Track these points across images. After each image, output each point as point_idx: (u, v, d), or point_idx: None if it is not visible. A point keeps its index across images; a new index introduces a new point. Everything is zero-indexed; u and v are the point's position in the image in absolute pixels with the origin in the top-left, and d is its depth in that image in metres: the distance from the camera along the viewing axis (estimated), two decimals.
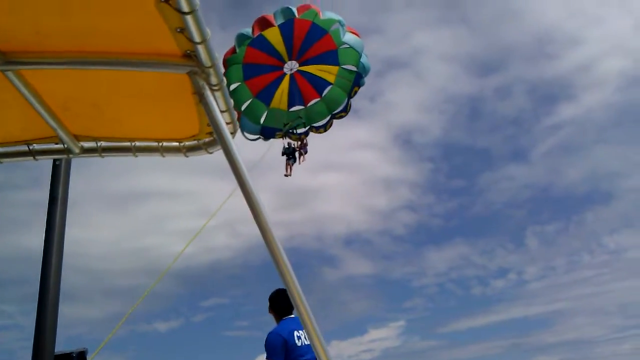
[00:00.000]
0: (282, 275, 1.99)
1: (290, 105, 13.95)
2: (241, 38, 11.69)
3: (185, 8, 1.64)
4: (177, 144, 2.58)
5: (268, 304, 4.87)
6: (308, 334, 1.95)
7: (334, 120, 14.05)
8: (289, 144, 15.20)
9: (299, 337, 4.51)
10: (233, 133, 2.24)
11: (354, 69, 13.04)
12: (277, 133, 13.96)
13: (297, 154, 14.76)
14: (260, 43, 11.87)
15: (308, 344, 4.44)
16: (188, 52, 1.89)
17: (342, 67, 13.07)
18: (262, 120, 13.64)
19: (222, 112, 2.12)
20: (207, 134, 2.47)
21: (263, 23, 11.62)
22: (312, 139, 15.21)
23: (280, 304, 4.73)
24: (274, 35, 11.87)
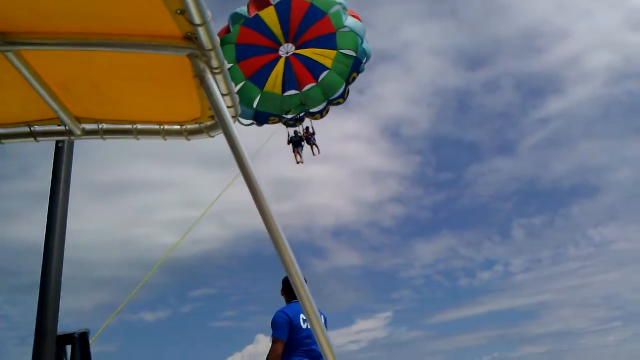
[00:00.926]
0: (284, 262, 2.01)
1: (284, 89, 13.39)
2: (235, 17, 11.13)
3: None
4: (178, 127, 2.60)
5: (281, 285, 5.25)
6: (309, 319, 2.00)
7: (331, 106, 13.37)
8: (295, 132, 14.74)
9: (304, 320, 4.72)
10: (234, 117, 2.27)
11: (352, 54, 12.55)
12: (271, 118, 13.39)
13: (303, 143, 14.21)
14: (255, 23, 11.36)
15: None
16: (188, 34, 1.91)
17: (340, 52, 12.60)
18: (255, 104, 13.03)
19: (223, 95, 2.12)
20: (208, 117, 2.49)
21: (259, 2, 11.00)
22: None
23: (291, 287, 4.60)
24: (269, 16, 11.32)
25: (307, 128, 14.68)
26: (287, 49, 12.78)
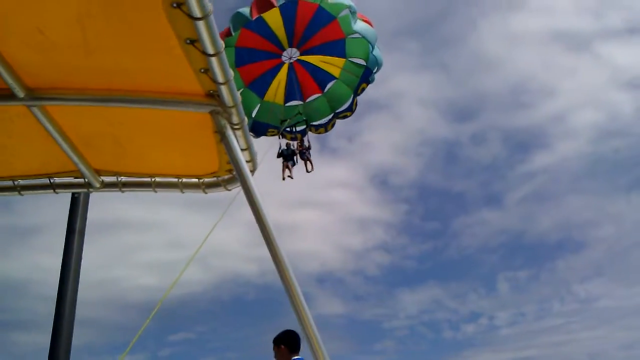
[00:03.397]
0: (296, 311, 2.07)
1: (287, 99, 12.44)
2: (237, 19, 10.28)
3: (211, 50, 1.80)
4: (196, 180, 2.72)
5: (273, 345, 5.13)
6: None
7: (337, 120, 12.20)
8: (287, 144, 13.37)
9: None
10: (253, 171, 2.36)
11: (363, 62, 11.70)
12: (270, 130, 12.26)
13: (296, 158, 12.80)
14: (258, 25, 10.62)
15: None
16: (211, 92, 2.02)
17: (350, 60, 11.75)
18: (253, 114, 11.98)
19: (242, 150, 2.23)
20: (226, 171, 2.61)
21: (263, 3, 9.99)
22: None
23: (292, 341, 5.02)
24: (273, 18, 10.54)
25: (302, 141, 13.38)
26: (291, 54, 11.92)
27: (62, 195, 3.12)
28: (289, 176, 13.49)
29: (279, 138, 13.54)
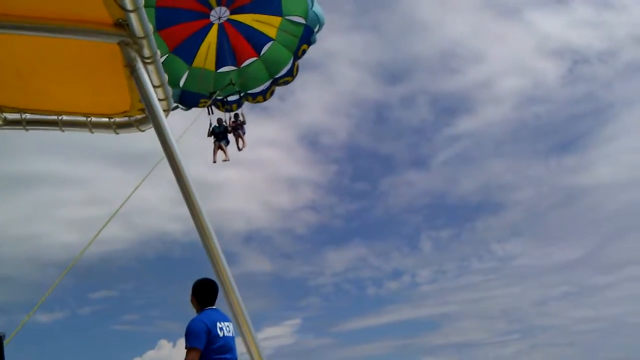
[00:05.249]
0: (213, 262, 2.05)
1: (219, 64, 11.24)
2: None
3: None
4: (107, 119, 2.60)
5: (190, 292, 5.05)
6: (237, 321, 2.06)
7: (277, 87, 11.03)
8: (219, 120, 12.00)
9: (221, 329, 4.68)
10: (167, 111, 2.29)
11: (301, 21, 10.74)
12: (202, 100, 10.95)
13: (230, 135, 11.48)
14: None
15: (229, 336, 4.72)
16: (119, 20, 1.90)
17: (286, 19, 10.80)
18: (181, 83, 10.63)
19: (155, 87, 2.15)
20: (138, 110, 2.49)
21: None
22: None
23: (204, 293, 4.90)
24: None
25: (236, 116, 12.14)
26: (220, 13, 10.68)
27: None
28: (224, 160, 12.18)
29: (209, 113, 12.16)
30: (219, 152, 12.41)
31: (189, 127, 10.19)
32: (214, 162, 12.18)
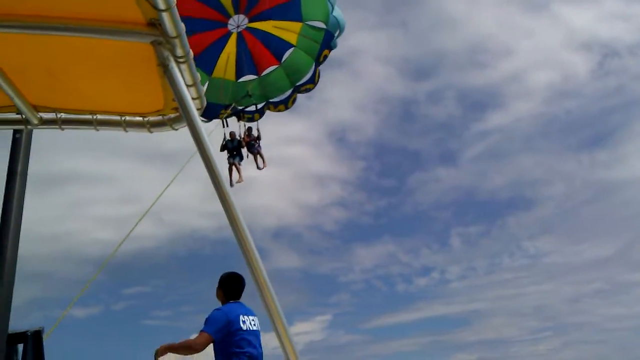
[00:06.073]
0: (247, 258, 2.07)
1: (239, 74, 10.89)
2: None
3: None
4: (140, 118, 2.64)
5: (217, 284, 5.03)
6: (271, 317, 2.11)
7: (298, 94, 10.69)
8: (232, 134, 11.64)
9: (244, 322, 4.65)
10: (200, 109, 2.30)
11: (322, 26, 10.28)
12: (223, 111, 10.60)
13: (244, 151, 11.15)
14: None
15: (254, 330, 4.72)
16: (152, 20, 1.92)
17: (307, 24, 10.44)
18: None
19: (188, 86, 2.16)
20: (172, 109, 2.54)
21: None
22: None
23: (231, 286, 4.92)
24: None
25: (249, 129, 11.71)
26: (238, 21, 10.25)
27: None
28: (237, 182, 11.78)
29: (224, 126, 11.84)
30: (234, 171, 11.98)
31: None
32: (231, 185, 11.58)
